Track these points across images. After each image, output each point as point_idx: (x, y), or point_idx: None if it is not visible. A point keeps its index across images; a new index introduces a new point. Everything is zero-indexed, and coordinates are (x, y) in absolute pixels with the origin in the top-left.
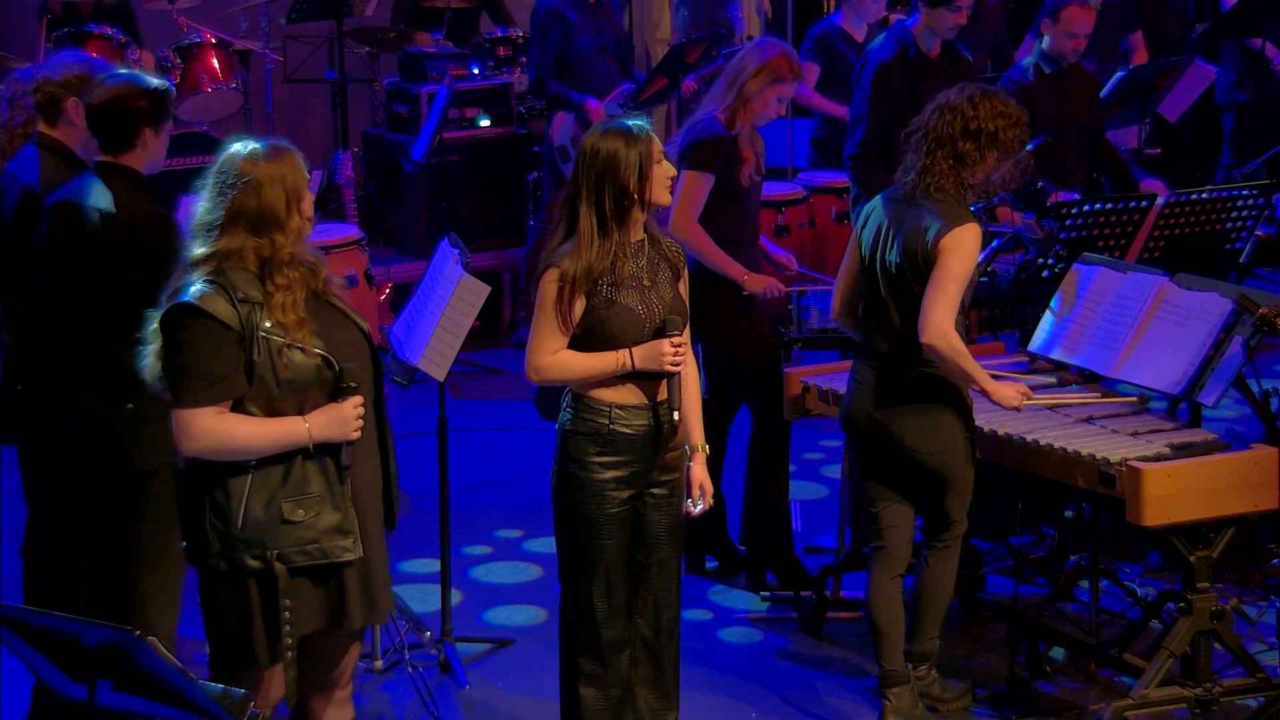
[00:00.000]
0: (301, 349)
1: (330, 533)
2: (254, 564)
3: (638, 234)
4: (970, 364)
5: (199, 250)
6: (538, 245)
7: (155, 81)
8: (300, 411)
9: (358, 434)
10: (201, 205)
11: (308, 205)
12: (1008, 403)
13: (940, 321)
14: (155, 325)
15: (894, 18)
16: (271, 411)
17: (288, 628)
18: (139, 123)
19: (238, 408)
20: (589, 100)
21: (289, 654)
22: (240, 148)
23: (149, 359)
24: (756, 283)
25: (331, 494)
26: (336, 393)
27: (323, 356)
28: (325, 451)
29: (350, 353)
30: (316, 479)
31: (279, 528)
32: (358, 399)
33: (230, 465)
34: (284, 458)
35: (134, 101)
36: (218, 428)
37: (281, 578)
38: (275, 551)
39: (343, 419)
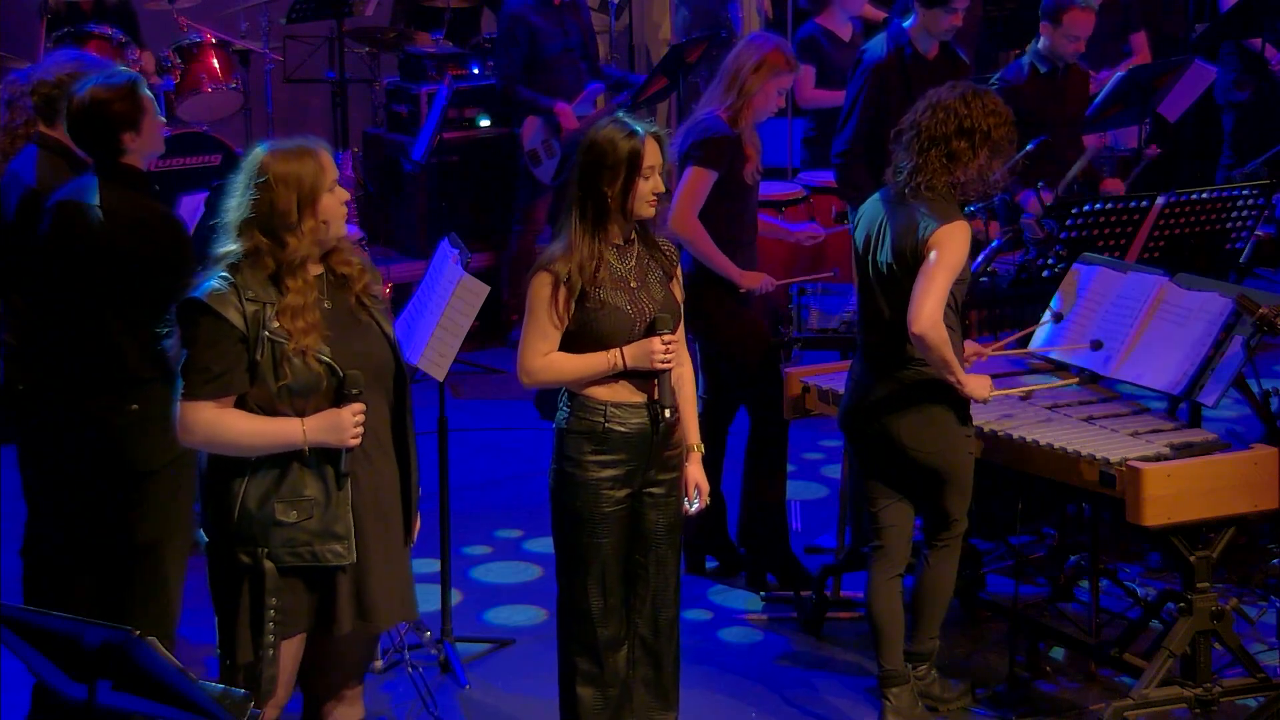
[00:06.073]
0: (304, 353)
1: (323, 536)
2: (245, 560)
3: (619, 237)
4: (952, 355)
5: (222, 248)
6: (519, 251)
7: (120, 79)
8: (301, 415)
9: (356, 441)
10: (229, 204)
11: (326, 206)
12: (977, 394)
13: (931, 311)
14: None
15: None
16: (273, 412)
17: (271, 625)
18: (115, 130)
19: (241, 405)
20: (557, 104)
21: (270, 651)
22: (262, 147)
23: (176, 347)
24: (751, 279)
25: (327, 498)
26: (340, 399)
27: (327, 363)
28: (325, 457)
29: (368, 364)
30: (313, 483)
31: (271, 528)
32: (358, 406)
33: (233, 462)
34: (282, 460)
35: (105, 111)
36: (216, 422)
37: (270, 576)
38: (266, 550)
39: (340, 425)
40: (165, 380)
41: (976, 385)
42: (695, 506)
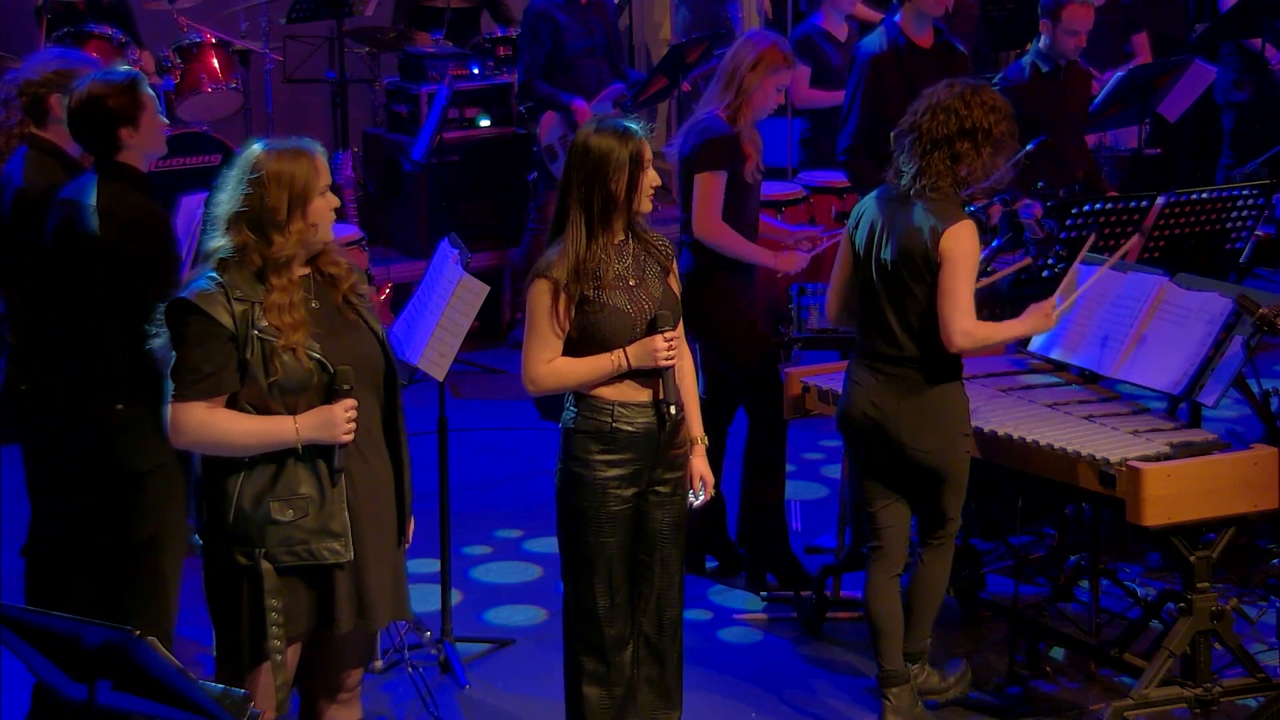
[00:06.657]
0: (294, 350)
1: (319, 534)
2: (243, 561)
3: (620, 234)
4: (998, 333)
5: (210, 244)
6: (532, 247)
7: (120, 77)
8: (293, 412)
9: (348, 437)
10: (219, 198)
11: (316, 209)
12: (1042, 326)
13: (963, 323)
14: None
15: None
16: (265, 411)
17: (275, 629)
18: (114, 125)
19: (233, 405)
20: (576, 101)
21: (277, 655)
22: (259, 144)
23: (165, 348)
24: (787, 261)
25: (322, 496)
26: (331, 395)
27: (317, 360)
28: (318, 453)
29: (358, 362)
30: (307, 480)
31: (267, 527)
32: (350, 402)
33: (226, 463)
34: (276, 458)
35: (102, 107)
36: (207, 422)
37: (269, 577)
38: (263, 550)
39: (332, 421)
40: (159, 380)
41: (1037, 321)
42: (700, 499)
